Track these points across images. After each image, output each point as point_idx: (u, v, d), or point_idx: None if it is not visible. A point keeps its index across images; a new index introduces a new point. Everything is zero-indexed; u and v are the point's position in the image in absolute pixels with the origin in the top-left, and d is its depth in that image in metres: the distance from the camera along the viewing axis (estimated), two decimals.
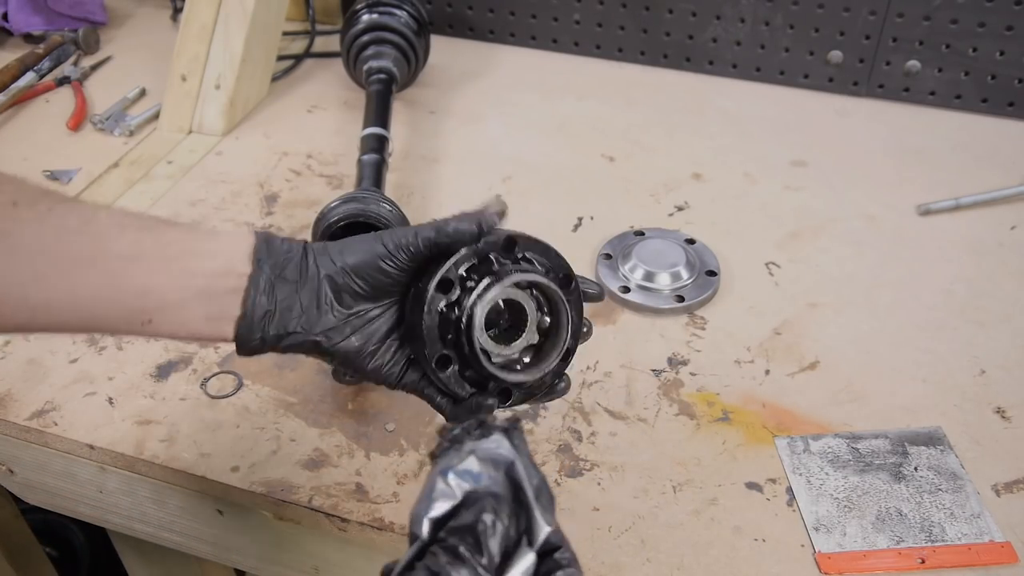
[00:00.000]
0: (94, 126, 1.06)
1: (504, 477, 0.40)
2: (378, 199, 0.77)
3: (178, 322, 0.51)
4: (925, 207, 0.91)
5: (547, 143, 1.04)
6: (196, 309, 0.51)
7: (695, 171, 0.99)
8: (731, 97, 1.13)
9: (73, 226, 0.49)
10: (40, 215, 0.49)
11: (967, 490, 0.64)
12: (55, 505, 0.77)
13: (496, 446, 0.41)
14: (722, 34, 1.13)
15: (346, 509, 0.63)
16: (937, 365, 0.74)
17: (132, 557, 0.95)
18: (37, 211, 0.49)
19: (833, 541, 0.61)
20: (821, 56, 1.11)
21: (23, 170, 0.98)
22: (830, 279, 0.84)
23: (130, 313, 0.50)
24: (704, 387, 0.72)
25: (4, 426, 0.71)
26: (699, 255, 0.84)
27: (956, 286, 0.82)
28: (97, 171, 0.98)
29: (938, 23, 1.04)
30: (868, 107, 1.11)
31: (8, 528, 1.01)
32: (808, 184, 0.97)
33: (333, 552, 0.68)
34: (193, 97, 1.05)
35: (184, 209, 0.92)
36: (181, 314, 0.51)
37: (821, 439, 0.68)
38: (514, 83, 1.16)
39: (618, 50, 1.19)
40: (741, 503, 0.64)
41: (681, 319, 0.79)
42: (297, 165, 1.00)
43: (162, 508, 0.72)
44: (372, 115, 0.96)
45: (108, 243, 0.50)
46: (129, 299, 0.50)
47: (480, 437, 0.41)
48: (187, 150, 1.02)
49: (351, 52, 1.08)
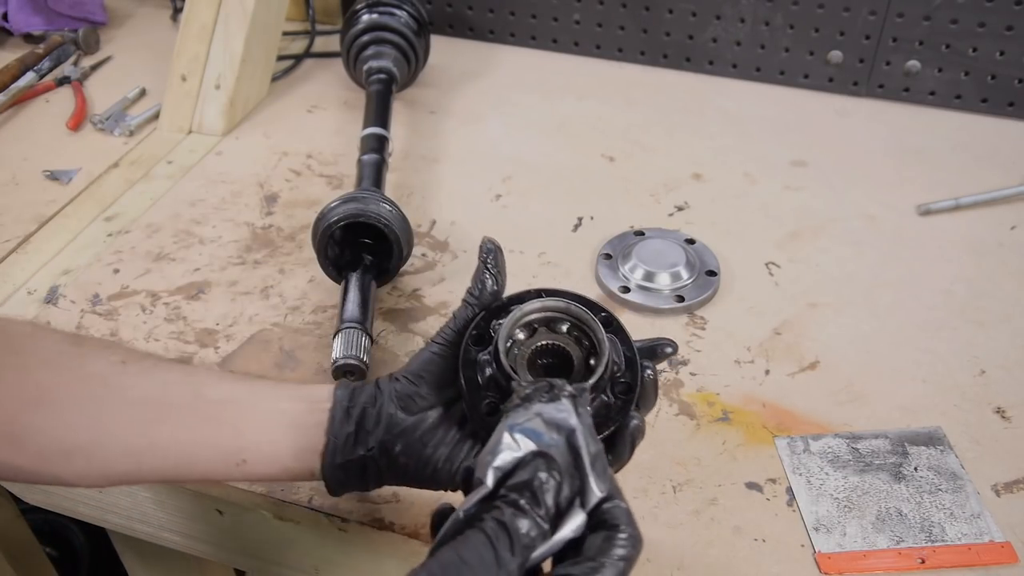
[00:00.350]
0: (94, 126, 1.06)
1: (565, 442, 0.43)
2: (378, 199, 0.77)
3: (269, 459, 0.55)
4: (925, 207, 0.91)
5: (547, 143, 1.04)
6: (285, 445, 0.55)
7: (695, 171, 0.99)
8: (731, 97, 1.13)
9: (175, 379, 0.55)
10: (146, 370, 0.55)
11: (967, 490, 0.64)
12: (55, 505, 0.77)
13: (561, 412, 0.44)
14: (722, 34, 1.13)
15: (346, 509, 0.63)
16: (937, 365, 0.74)
17: (132, 557, 0.95)
18: (143, 367, 0.55)
19: (833, 541, 0.61)
20: (821, 56, 1.11)
21: (23, 170, 0.98)
22: (830, 279, 0.84)
23: (225, 454, 0.54)
24: (704, 387, 0.72)
25: None
26: (699, 255, 0.84)
27: (956, 286, 0.82)
28: (97, 171, 0.98)
29: (938, 23, 1.04)
30: (868, 107, 1.11)
31: (8, 528, 1.01)
32: (808, 184, 0.97)
33: (333, 552, 0.68)
34: (193, 97, 1.05)
35: (184, 209, 0.92)
36: (272, 450, 0.55)
37: (821, 439, 0.68)
38: (514, 83, 1.16)
39: (618, 50, 1.19)
40: (741, 503, 0.64)
41: (681, 319, 0.79)
42: (297, 165, 1.00)
43: (162, 508, 0.72)
44: (372, 115, 0.96)
45: (205, 390, 0.55)
46: (224, 439, 0.54)
47: (548, 401, 0.44)
48: (187, 150, 1.02)
49: (351, 52, 1.08)
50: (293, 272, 0.84)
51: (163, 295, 0.81)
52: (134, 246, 0.87)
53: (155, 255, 0.86)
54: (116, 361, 0.54)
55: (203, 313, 0.79)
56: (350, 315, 0.72)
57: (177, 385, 0.55)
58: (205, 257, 0.86)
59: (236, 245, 0.87)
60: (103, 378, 0.54)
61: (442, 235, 0.89)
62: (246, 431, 0.55)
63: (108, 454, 0.53)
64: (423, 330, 0.77)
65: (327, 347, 0.74)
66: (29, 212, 0.91)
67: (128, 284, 0.82)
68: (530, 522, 0.42)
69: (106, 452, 0.53)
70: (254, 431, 0.55)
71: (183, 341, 0.76)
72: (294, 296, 0.81)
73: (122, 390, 0.53)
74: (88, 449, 0.53)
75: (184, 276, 0.83)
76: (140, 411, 0.53)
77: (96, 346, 0.57)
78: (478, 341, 0.54)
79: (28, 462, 0.52)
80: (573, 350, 0.54)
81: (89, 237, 0.88)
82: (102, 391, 0.53)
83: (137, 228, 0.89)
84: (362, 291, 0.74)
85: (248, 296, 0.81)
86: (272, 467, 0.55)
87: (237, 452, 0.55)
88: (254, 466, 0.55)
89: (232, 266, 0.84)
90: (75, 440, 0.53)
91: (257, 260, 0.85)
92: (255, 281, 0.83)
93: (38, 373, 0.53)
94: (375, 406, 0.55)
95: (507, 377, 0.50)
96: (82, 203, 0.93)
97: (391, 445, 0.55)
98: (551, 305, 0.54)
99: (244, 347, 0.75)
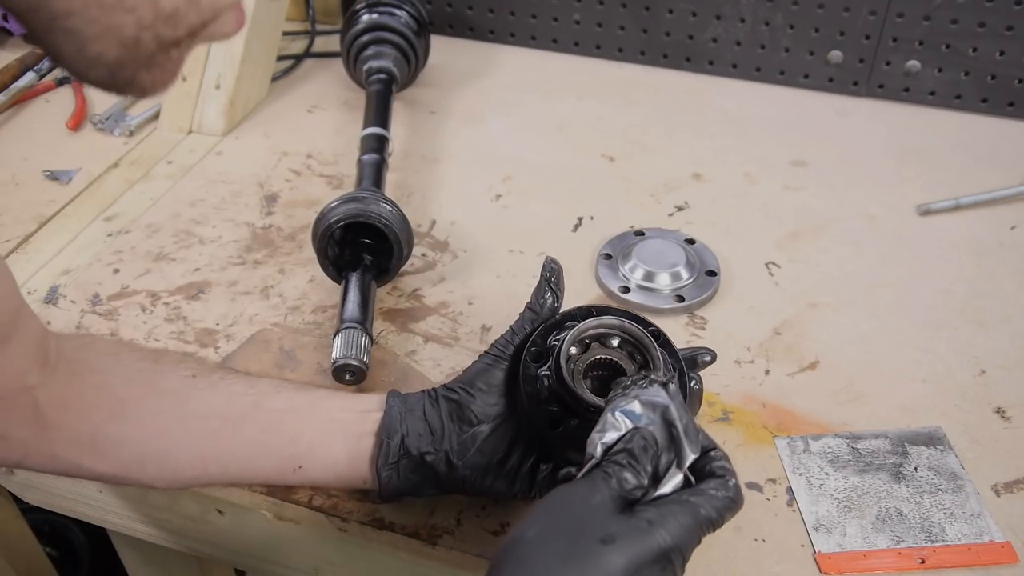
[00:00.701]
0: (94, 126, 1.06)
1: (660, 418, 0.50)
2: (378, 199, 0.77)
3: (323, 466, 0.59)
4: (925, 207, 0.92)
5: (547, 143, 1.04)
6: (339, 451, 0.59)
7: (695, 171, 0.99)
8: (731, 97, 1.13)
9: (238, 390, 0.60)
10: (213, 383, 0.60)
11: (967, 490, 0.64)
12: (55, 505, 0.77)
13: (655, 395, 0.50)
14: (722, 34, 1.13)
15: (346, 509, 0.63)
16: (937, 365, 0.74)
17: (132, 557, 0.95)
18: (211, 380, 0.60)
19: (833, 541, 0.61)
20: (821, 56, 1.11)
21: (23, 170, 0.98)
22: (830, 279, 0.84)
23: (283, 461, 0.59)
24: (704, 387, 0.72)
25: None
26: (699, 255, 0.84)
27: (956, 286, 0.83)
28: (97, 171, 0.98)
29: (938, 23, 1.04)
30: (868, 107, 1.11)
31: (8, 528, 1.01)
32: (808, 184, 0.97)
33: (333, 552, 0.68)
34: (193, 97, 1.05)
35: (184, 209, 0.92)
36: (327, 457, 0.59)
37: (821, 439, 0.68)
38: (514, 83, 1.16)
39: (618, 50, 1.19)
40: None
41: (681, 319, 0.79)
42: (297, 165, 1.00)
43: (162, 509, 0.72)
44: (372, 115, 0.96)
45: (266, 400, 0.60)
46: (283, 446, 0.59)
47: (645, 387, 0.51)
48: (187, 150, 1.02)
49: (351, 52, 1.08)
50: (293, 272, 0.84)
51: (163, 295, 0.81)
52: (134, 246, 0.87)
53: (155, 255, 0.86)
54: (187, 376, 0.60)
55: (203, 313, 0.79)
56: (350, 315, 0.72)
57: (240, 397, 0.59)
58: (205, 257, 0.86)
59: (236, 245, 0.87)
60: (174, 392, 0.59)
61: (442, 235, 0.89)
62: (301, 440, 0.59)
63: (178, 462, 0.58)
64: (423, 330, 0.77)
65: (327, 347, 0.74)
66: (29, 212, 0.92)
67: (128, 284, 0.82)
68: (632, 473, 0.47)
69: (176, 460, 0.58)
70: (309, 440, 0.59)
71: (183, 341, 0.76)
72: (294, 296, 0.81)
73: (190, 403, 0.59)
74: (159, 458, 0.58)
75: (184, 276, 0.83)
76: (205, 423, 0.58)
77: (172, 361, 0.62)
78: (536, 358, 0.58)
79: (109, 468, 0.58)
80: (626, 363, 0.59)
81: (89, 237, 0.88)
82: (173, 404, 0.59)
83: (137, 228, 0.89)
84: (362, 291, 0.74)
85: (248, 296, 0.81)
86: (326, 473, 0.60)
87: (294, 459, 0.59)
88: (309, 472, 0.59)
89: (232, 266, 0.85)
90: (148, 450, 0.58)
91: (257, 260, 0.85)
92: (255, 281, 0.83)
93: (119, 389, 0.58)
94: (426, 413, 0.58)
95: (569, 391, 0.55)
96: (82, 203, 0.93)
97: (447, 454, 0.57)
98: (606, 322, 0.59)
99: (244, 347, 0.75)
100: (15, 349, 0.53)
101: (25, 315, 0.55)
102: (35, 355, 0.55)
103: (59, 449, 0.57)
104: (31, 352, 0.55)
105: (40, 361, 0.55)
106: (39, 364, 0.55)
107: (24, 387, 0.54)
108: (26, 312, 0.55)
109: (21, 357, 0.54)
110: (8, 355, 0.53)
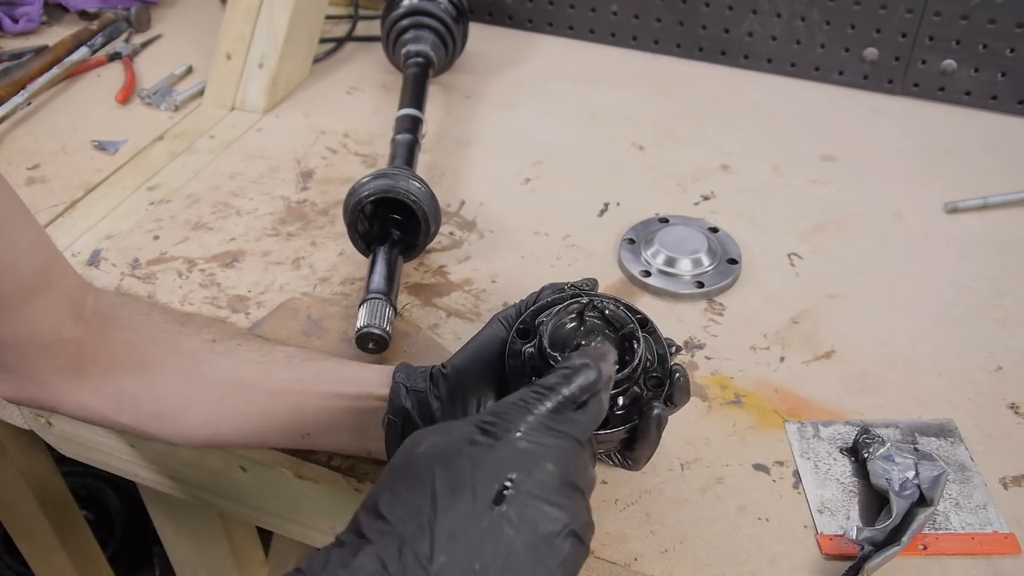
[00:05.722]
0: (142, 100, 1.10)
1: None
2: (408, 176, 0.79)
3: (329, 435, 0.61)
4: (952, 205, 0.91)
5: (578, 130, 1.06)
6: (343, 426, 0.61)
7: (723, 162, 0.99)
8: (764, 91, 1.13)
9: (252, 358, 0.62)
10: (230, 348, 0.62)
11: (974, 481, 0.64)
12: (88, 458, 0.81)
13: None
14: (758, 29, 1.14)
15: (362, 470, 0.65)
16: (953, 359, 0.75)
17: (160, 514, 0.98)
18: (229, 346, 0.62)
19: (836, 524, 0.62)
20: (856, 53, 1.10)
21: (72, 139, 1.02)
22: (852, 272, 0.84)
23: (290, 428, 0.61)
24: (718, 371, 0.74)
25: None
26: (721, 243, 0.85)
27: (978, 283, 0.82)
28: (142, 143, 1.02)
29: (975, 22, 1.03)
30: (902, 105, 1.10)
31: (46, 484, 1.05)
32: (836, 179, 0.97)
33: (348, 512, 0.70)
34: (237, 75, 1.09)
35: (223, 182, 0.95)
36: (331, 430, 0.61)
37: (831, 425, 0.69)
38: (549, 71, 1.18)
39: (654, 42, 1.20)
40: (747, 483, 0.65)
41: (700, 304, 0.80)
42: (333, 143, 1.02)
43: (189, 464, 0.75)
44: (407, 96, 0.99)
45: (275, 369, 0.61)
46: (288, 416, 0.60)
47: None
48: (229, 126, 1.06)
49: (391, 36, 1.10)
50: (324, 245, 0.86)
51: (199, 262, 0.84)
52: (174, 215, 0.90)
53: (193, 224, 0.89)
54: (208, 340, 0.62)
55: (236, 280, 0.82)
56: (376, 286, 0.74)
57: (252, 364, 0.61)
58: (241, 228, 0.89)
59: (271, 217, 0.90)
60: (192, 354, 0.61)
61: (470, 215, 0.91)
62: (306, 411, 0.60)
63: (190, 421, 0.61)
64: (446, 305, 0.80)
65: (352, 317, 0.76)
66: (77, 179, 0.95)
67: (167, 251, 0.86)
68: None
69: (188, 419, 0.61)
70: (314, 412, 0.60)
71: (216, 306, 0.79)
72: (324, 268, 0.84)
73: (205, 366, 0.61)
74: (172, 414, 0.60)
75: (220, 245, 0.86)
76: (215, 387, 0.60)
77: (197, 325, 0.64)
78: (523, 335, 0.59)
79: (127, 420, 0.61)
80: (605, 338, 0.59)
81: (132, 205, 0.92)
82: (189, 365, 0.61)
83: (178, 198, 0.93)
84: (389, 265, 0.77)
85: (280, 266, 0.84)
86: (333, 443, 0.63)
87: (300, 427, 0.61)
88: (316, 439, 0.62)
89: (266, 237, 0.87)
90: (162, 407, 0.60)
91: (290, 232, 0.88)
92: (287, 252, 0.85)
93: (142, 346, 0.61)
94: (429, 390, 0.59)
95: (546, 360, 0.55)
96: (127, 173, 0.97)
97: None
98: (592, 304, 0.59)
99: (274, 314, 0.78)
100: (48, 300, 0.56)
101: (59, 270, 0.57)
102: (69, 309, 0.58)
103: (88, 398, 0.60)
104: (64, 305, 0.58)
105: (75, 315, 0.58)
106: (73, 318, 0.58)
107: (59, 339, 0.57)
108: (60, 267, 0.58)
109: (55, 309, 0.57)
110: (41, 305, 0.56)
